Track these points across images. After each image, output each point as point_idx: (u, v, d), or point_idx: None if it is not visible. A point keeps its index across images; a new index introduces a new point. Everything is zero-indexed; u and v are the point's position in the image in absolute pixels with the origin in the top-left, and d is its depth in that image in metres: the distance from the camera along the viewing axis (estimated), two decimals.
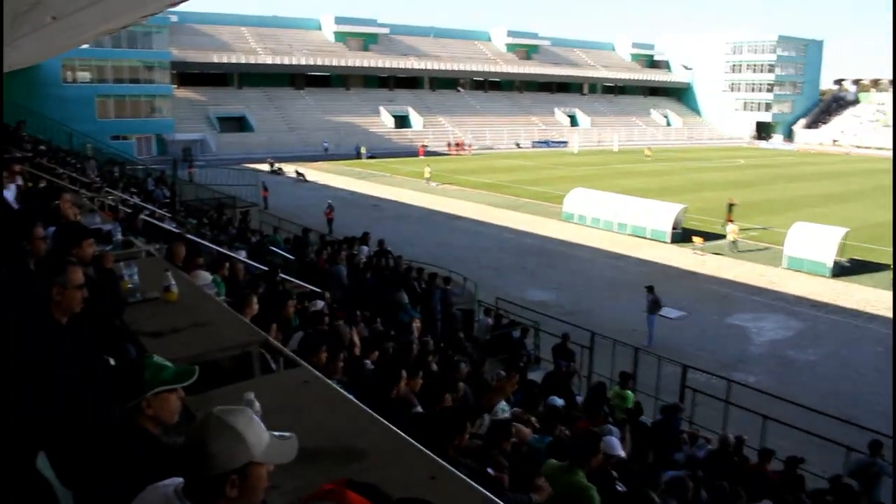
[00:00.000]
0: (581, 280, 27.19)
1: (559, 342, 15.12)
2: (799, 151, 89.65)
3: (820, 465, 11.69)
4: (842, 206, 43.29)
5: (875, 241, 33.49)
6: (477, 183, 51.53)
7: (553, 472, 5.25)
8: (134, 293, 5.43)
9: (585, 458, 5.23)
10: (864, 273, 28.60)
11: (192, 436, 2.17)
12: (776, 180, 55.85)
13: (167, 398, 2.87)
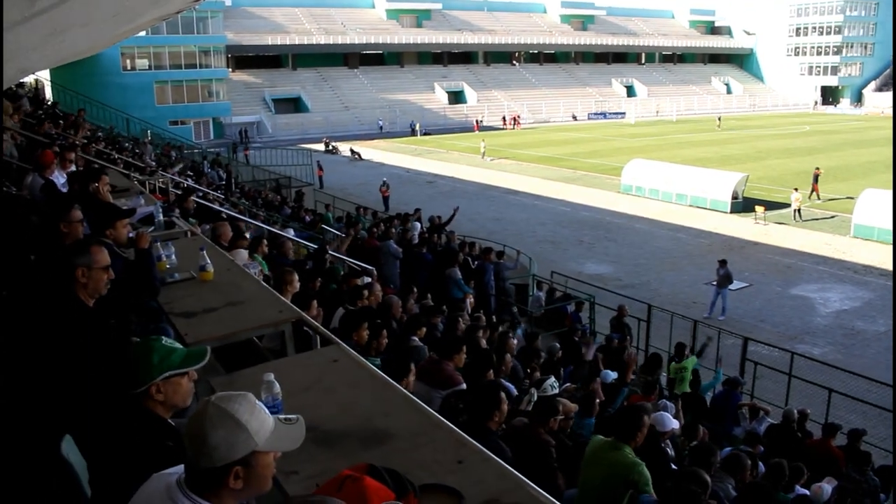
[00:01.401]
0: (639, 252, 26.71)
1: (615, 315, 14.87)
2: (867, 116, 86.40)
3: (890, 440, 11.27)
4: None
5: None
6: (533, 157, 51.02)
7: (598, 449, 5.10)
8: (172, 273, 5.42)
9: (630, 434, 5.05)
10: None
11: (191, 426, 2.07)
12: (843, 146, 53.94)
13: (178, 382, 2.78)
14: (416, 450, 3.12)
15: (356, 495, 2.47)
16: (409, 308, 10.70)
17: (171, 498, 2.11)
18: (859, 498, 7.99)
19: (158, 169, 17.20)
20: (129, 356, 2.78)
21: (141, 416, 2.69)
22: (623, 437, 5.04)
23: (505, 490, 2.80)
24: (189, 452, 2.08)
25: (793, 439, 9.72)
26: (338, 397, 3.65)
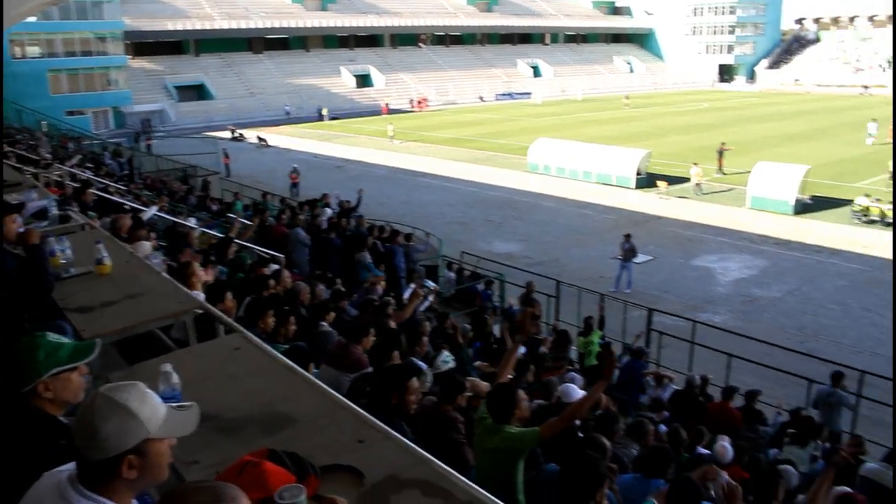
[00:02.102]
0: (547, 230, 27.22)
1: (524, 292, 15.13)
2: (761, 92, 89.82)
3: (785, 399, 11.84)
4: (803, 145, 43.56)
5: (836, 177, 33.86)
6: (441, 138, 51.17)
7: (484, 433, 5.02)
8: (67, 268, 5.26)
9: (506, 414, 4.93)
10: (826, 209, 28.80)
11: (80, 418, 2.04)
12: (739, 122, 55.97)
13: (67, 378, 2.70)
14: (317, 432, 3.14)
15: (256, 480, 2.48)
16: (319, 294, 10.66)
17: (62, 495, 2.06)
18: (754, 453, 8.40)
19: (54, 161, 16.56)
20: (14, 355, 2.70)
21: (30, 416, 2.62)
22: (500, 419, 4.94)
23: (405, 466, 2.85)
24: (79, 446, 2.04)
25: (695, 403, 10.13)
26: (239, 385, 3.63)
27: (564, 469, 4.06)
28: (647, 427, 6.77)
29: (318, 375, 6.42)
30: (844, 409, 11.13)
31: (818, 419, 10.66)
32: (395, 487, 2.72)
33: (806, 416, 10.24)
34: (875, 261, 22.94)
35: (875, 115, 49.10)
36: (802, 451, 9.28)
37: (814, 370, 12.46)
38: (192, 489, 1.94)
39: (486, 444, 4.96)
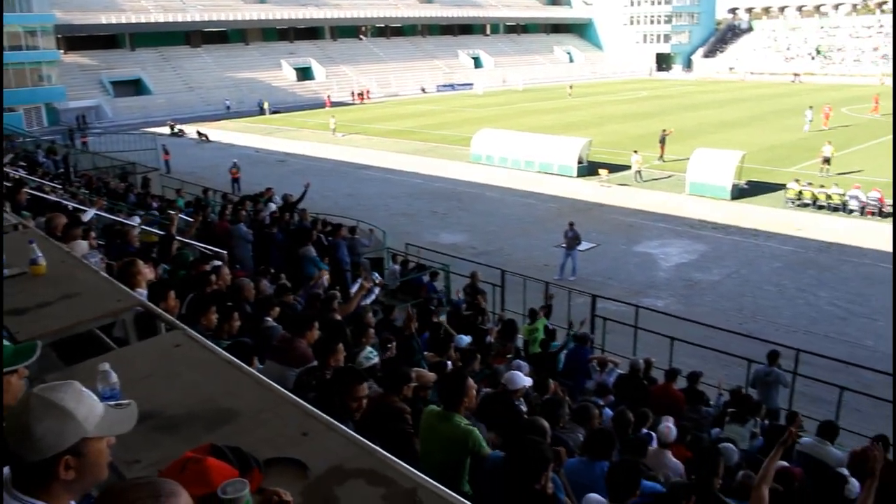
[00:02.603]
0: (491, 220, 27.37)
1: (468, 282, 15.20)
2: (698, 80, 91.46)
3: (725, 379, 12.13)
4: (739, 131, 44.56)
5: (770, 162, 34.80)
6: (383, 131, 51.05)
7: (431, 420, 5.11)
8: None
9: (456, 401, 5.06)
10: (762, 194, 29.64)
11: (13, 419, 1.98)
12: (677, 110, 56.94)
13: (7, 381, 2.63)
14: (260, 426, 3.12)
15: (198, 476, 2.46)
16: (262, 289, 10.57)
17: None
18: (697, 433, 8.60)
19: None
20: None
21: None
22: (450, 405, 5.06)
23: (349, 456, 2.85)
24: (12, 448, 1.99)
25: (639, 387, 10.31)
26: (180, 381, 3.59)
27: (508, 454, 4.11)
28: (592, 411, 6.88)
29: (263, 371, 6.38)
30: (781, 386, 11.45)
31: (756, 397, 10.97)
32: (339, 478, 2.72)
33: (745, 394, 10.54)
34: (808, 242, 23.66)
35: (807, 102, 50.50)
36: (742, 428, 9.54)
37: (752, 350, 12.78)
38: (130, 486, 1.91)
39: (435, 431, 5.02)
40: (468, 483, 4.90)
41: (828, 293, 19.33)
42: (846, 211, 26.61)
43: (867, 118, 48.55)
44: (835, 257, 22.25)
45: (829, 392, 11.71)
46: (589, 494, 4.46)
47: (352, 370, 5.07)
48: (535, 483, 3.78)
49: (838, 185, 27.82)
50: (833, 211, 26.88)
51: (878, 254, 22.24)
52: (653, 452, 7.08)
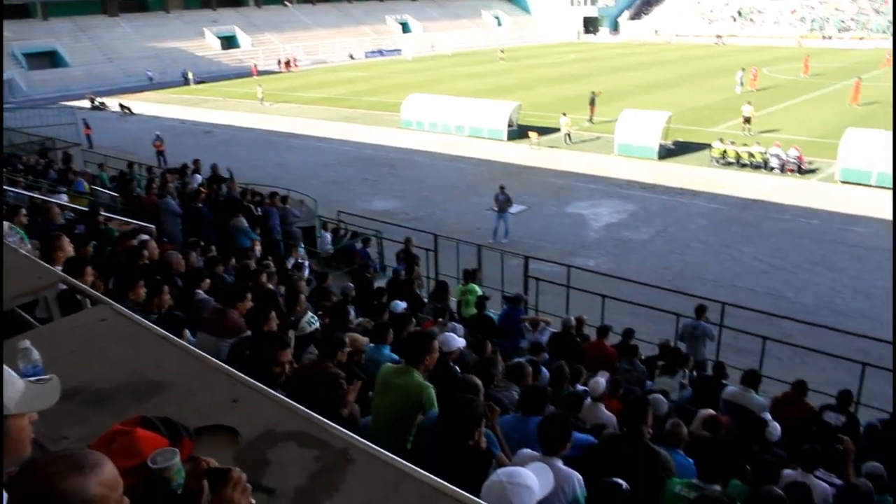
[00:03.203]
0: (423, 185, 27.35)
1: (402, 248, 15.21)
2: (624, 43, 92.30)
3: (656, 333, 12.46)
4: (665, 93, 45.22)
5: (695, 122, 35.51)
6: (312, 98, 50.31)
7: (390, 375, 5.27)
8: None
9: (419, 359, 5.24)
10: (687, 153, 30.28)
11: None
12: (605, 72, 57.43)
13: None
14: (190, 395, 3.10)
15: (127, 448, 2.44)
16: (192, 262, 10.41)
17: None
18: (629, 386, 8.83)
19: None
20: None
21: None
22: (412, 361, 5.22)
23: (280, 420, 2.85)
24: None
25: (572, 344, 10.50)
26: (107, 356, 3.52)
27: (441, 412, 4.16)
28: (525, 369, 6.99)
29: (196, 343, 6.31)
30: (708, 339, 11.80)
31: (685, 350, 11.31)
32: (271, 442, 2.72)
33: (674, 348, 10.83)
34: (732, 200, 24.32)
35: (730, 63, 51.55)
36: (672, 380, 9.84)
37: (681, 305, 13.10)
38: (52, 459, 1.87)
39: (391, 385, 5.12)
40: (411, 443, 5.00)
41: (751, 248, 19.92)
42: (767, 169, 27.37)
43: (790, 79, 49.70)
44: (757, 214, 22.91)
45: (753, 342, 12.11)
46: (522, 449, 4.54)
47: (273, 336, 5.07)
48: (468, 439, 3.84)
49: (760, 143, 28.56)
50: (755, 169, 27.62)
51: (798, 209, 23.03)
52: (587, 406, 7.24)
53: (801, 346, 12.36)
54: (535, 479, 3.00)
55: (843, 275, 18.05)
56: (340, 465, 2.56)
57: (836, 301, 16.58)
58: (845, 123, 29.65)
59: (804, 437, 8.23)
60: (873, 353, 11.77)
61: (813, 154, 28.15)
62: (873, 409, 10.25)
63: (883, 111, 35.13)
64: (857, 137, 25.92)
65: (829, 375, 11.33)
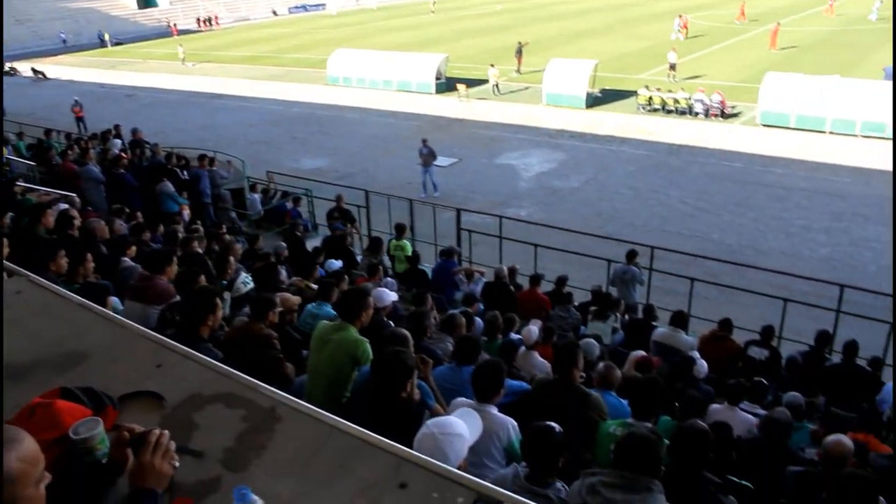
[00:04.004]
0: (353, 142, 27.08)
1: (333, 206, 15.08)
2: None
3: (588, 279, 12.67)
4: (591, 41, 45.26)
5: (622, 70, 35.76)
6: (236, 57, 49.01)
7: (325, 332, 5.26)
8: None
9: (354, 314, 5.24)
10: (615, 101, 30.59)
11: None
12: (531, 22, 57.20)
13: None
14: (113, 364, 3.05)
15: (48, 420, 2.39)
16: (117, 229, 10.16)
17: None
18: (563, 332, 9.00)
19: None
20: None
21: None
22: (348, 317, 5.22)
23: (206, 382, 2.83)
24: None
25: (505, 293, 10.62)
26: (25, 328, 3.42)
27: (372, 366, 4.18)
28: (458, 320, 7.05)
29: (124, 311, 6.18)
30: (638, 283, 12.06)
31: (616, 295, 11.55)
32: (198, 405, 2.69)
33: (605, 293, 11.05)
34: (658, 146, 24.74)
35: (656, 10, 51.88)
36: (604, 324, 10.06)
37: (611, 251, 13.32)
38: None
39: (327, 341, 5.11)
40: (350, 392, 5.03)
41: (678, 193, 20.34)
42: (692, 114, 27.87)
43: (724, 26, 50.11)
44: (683, 159, 23.38)
45: (682, 284, 12.43)
46: (456, 398, 4.60)
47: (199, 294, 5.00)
48: (399, 392, 3.86)
49: (685, 89, 28.99)
50: (680, 115, 28.09)
51: (722, 153, 23.56)
52: (521, 355, 7.36)
53: (726, 285, 12.75)
54: (464, 426, 3.05)
55: (765, 214, 18.61)
56: (268, 424, 2.55)
57: (758, 240, 17.10)
58: (766, 68, 30.24)
59: (730, 372, 8.55)
60: (794, 289, 12.28)
61: (735, 98, 28.69)
62: (794, 343, 10.65)
63: (801, 55, 36.09)
64: (775, 81, 26.52)
65: (753, 312, 11.72)
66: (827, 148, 23.63)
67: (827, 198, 19.54)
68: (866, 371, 8.59)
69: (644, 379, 5.24)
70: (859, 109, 24.56)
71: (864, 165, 21.86)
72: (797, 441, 6.39)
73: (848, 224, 17.91)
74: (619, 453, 3.37)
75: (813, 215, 18.47)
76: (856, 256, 16.22)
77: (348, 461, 2.36)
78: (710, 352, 8.72)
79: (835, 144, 24.01)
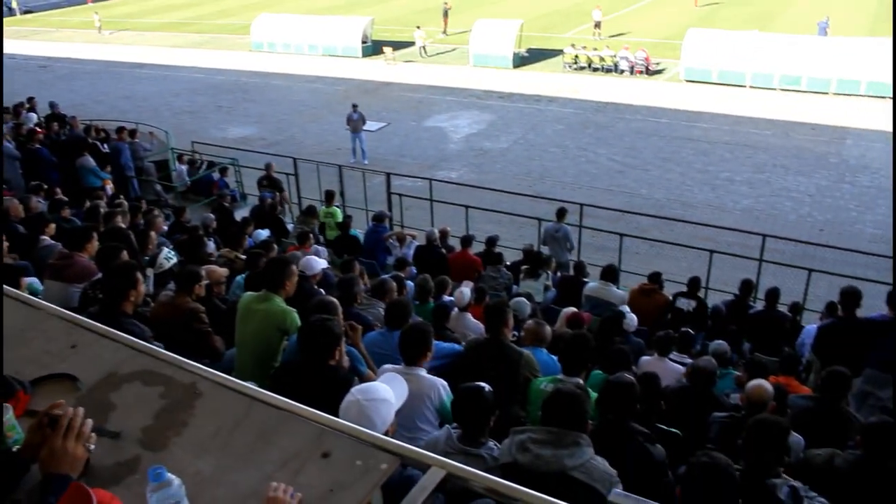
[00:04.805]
0: (280, 109, 26.58)
1: (262, 174, 14.82)
2: None
3: (519, 239, 12.79)
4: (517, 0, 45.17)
5: (547, 29, 35.87)
6: (156, 24, 47.29)
7: (250, 303, 5.19)
8: None
9: (279, 284, 5.19)
10: (541, 60, 30.66)
11: None
12: None
13: None
14: (24, 346, 2.94)
15: None
16: (34, 207, 9.81)
17: None
18: (495, 293, 9.05)
19: None
20: None
21: None
22: (272, 288, 5.15)
23: (123, 360, 2.76)
24: None
25: (437, 256, 10.63)
26: None
27: (299, 335, 4.15)
28: (389, 285, 7.04)
29: (44, 291, 6.00)
30: (569, 242, 12.19)
31: (548, 253, 11.66)
32: (114, 384, 2.63)
33: (536, 252, 11.14)
34: (586, 104, 24.97)
35: None
36: (536, 283, 10.16)
37: (542, 210, 13.45)
38: None
39: (253, 312, 5.05)
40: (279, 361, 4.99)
41: (606, 150, 20.59)
42: (618, 71, 28.14)
43: None
44: (610, 116, 23.63)
45: (612, 240, 12.64)
46: (385, 364, 4.60)
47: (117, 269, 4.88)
48: (328, 359, 3.84)
49: (610, 47, 29.23)
50: (606, 72, 28.35)
51: (647, 109, 23.91)
52: (454, 317, 7.38)
53: (655, 239, 13.04)
54: (390, 391, 3.04)
55: (691, 169, 19.00)
56: (188, 400, 2.51)
57: (685, 194, 17.47)
58: (689, 24, 30.62)
59: (659, 324, 8.76)
60: (720, 240, 12.65)
61: (660, 55, 29.09)
62: (721, 292, 10.96)
63: (722, 11, 36.68)
64: (697, 38, 26.95)
65: (681, 265, 12.04)
66: (748, 102, 24.19)
67: (749, 150, 20.04)
68: (787, 316, 8.89)
69: (573, 335, 5.32)
70: (777, 64, 25.19)
71: (783, 118, 22.47)
72: (723, 387, 6.60)
73: (769, 175, 18.42)
74: (546, 410, 3.42)
75: (736, 168, 18.93)
76: (777, 206, 16.72)
77: (270, 433, 2.34)
78: (639, 305, 8.90)
79: (755, 98, 24.57)
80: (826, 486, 3.98)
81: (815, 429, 4.99)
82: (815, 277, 10.68)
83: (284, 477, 2.13)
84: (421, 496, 2.17)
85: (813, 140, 20.65)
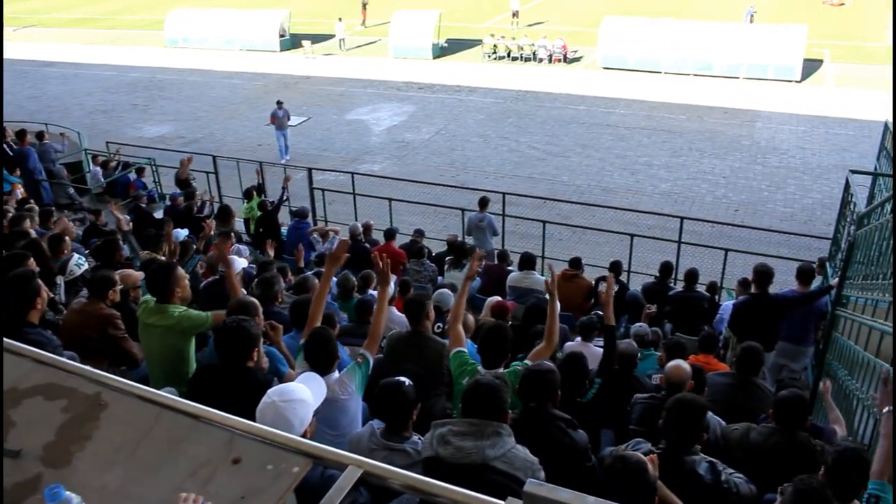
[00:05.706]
0: (198, 106, 26.01)
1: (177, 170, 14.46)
2: None
3: (444, 230, 12.81)
4: None
5: (465, 19, 36.04)
6: (65, 21, 45.65)
7: (146, 317, 4.89)
8: None
9: (168, 293, 4.82)
10: (461, 51, 30.81)
11: None
12: None
13: None
14: None
15: None
16: None
17: None
18: (420, 285, 9.06)
19: None
20: None
21: None
22: (162, 298, 4.83)
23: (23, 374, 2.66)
24: None
25: (360, 250, 10.55)
26: None
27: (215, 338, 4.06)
28: (310, 282, 6.96)
29: None
30: (492, 231, 12.27)
31: (473, 243, 11.71)
32: (14, 400, 2.53)
33: (460, 242, 11.18)
34: (506, 93, 25.17)
35: None
36: (460, 273, 10.17)
37: (465, 200, 13.51)
38: None
39: (150, 326, 4.84)
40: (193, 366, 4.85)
41: (527, 138, 20.79)
42: (536, 60, 28.47)
43: None
44: (530, 104, 23.87)
45: (535, 227, 12.76)
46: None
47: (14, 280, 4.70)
48: (245, 361, 3.78)
49: (528, 36, 29.52)
50: (525, 61, 28.66)
51: (566, 97, 24.26)
52: None
53: (577, 225, 13.25)
54: (307, 390, 3.02)
55: (610, 154, 19.35)
56: (93, 413, 2.44)
57: (605, 179, 17.78)
58: (605, 12, 31.10)
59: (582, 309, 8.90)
60: (641, 224, 12.93)
61: (577, 43, 29.51)
62: (643, 275, 11.20)
63: None
64: (613, 26, 27.44)
65: (604, 249, 12.23)
66: (663, 88, 24.76)
67: (665, 135, 20.52)
68: (705, 296, 9.15)
69: (491, 324, 5.35)
70: (690, 50, 25.86)
71: (697, 103, 23.08)
72: (646, 368, 6.74)
73: (685, 159, 18.90)
74: (465, 402, 3.44)
75: (654, 152, 19.36)
76: (693, 188, 17.17)
77: (179, 442, 2.29)
78: (562, 290, 8.99)
79: (670, 84, 25.17)
80: (744, 460, 4.13)
81: (732, 404, 5.17)
82: (731, 257, 11.01)
83: (194, 486, 2.09)
84: (338, 497, 2.15)
85: (726, 124, 21.28)
